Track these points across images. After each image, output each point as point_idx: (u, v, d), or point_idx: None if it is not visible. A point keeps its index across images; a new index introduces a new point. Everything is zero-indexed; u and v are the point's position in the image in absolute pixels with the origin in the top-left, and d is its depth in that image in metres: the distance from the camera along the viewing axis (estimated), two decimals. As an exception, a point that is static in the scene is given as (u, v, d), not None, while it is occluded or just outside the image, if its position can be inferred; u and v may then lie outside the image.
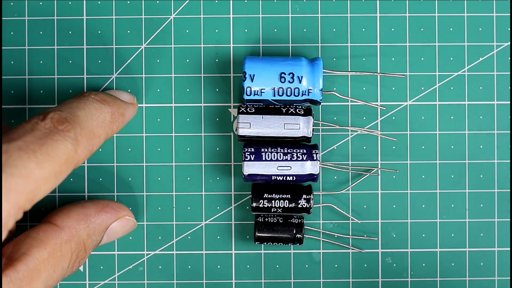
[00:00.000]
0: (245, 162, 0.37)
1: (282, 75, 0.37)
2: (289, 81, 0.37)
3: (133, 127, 0.39)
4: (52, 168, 0.30)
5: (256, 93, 0.37)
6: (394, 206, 0.40)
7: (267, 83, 0.37)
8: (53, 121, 0.32)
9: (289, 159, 0.37)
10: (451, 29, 0.39)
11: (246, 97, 0.37)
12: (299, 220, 0.38)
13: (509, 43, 0.39)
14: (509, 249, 0.40)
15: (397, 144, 0.39)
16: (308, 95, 0.37)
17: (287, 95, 0.37)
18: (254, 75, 0.37)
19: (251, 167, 0.37)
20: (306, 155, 0.37)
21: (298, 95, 0.37)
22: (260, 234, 0.38)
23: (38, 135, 0.31)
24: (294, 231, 0.38)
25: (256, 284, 0.40)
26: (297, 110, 0.38)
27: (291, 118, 0.37)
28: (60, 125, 0.32)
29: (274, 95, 0.37)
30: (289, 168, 0.37)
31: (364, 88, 0.39)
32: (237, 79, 0.39)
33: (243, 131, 0.37)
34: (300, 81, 0.37)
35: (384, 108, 0.39)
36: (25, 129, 0.31)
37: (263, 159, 0.37)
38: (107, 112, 0.35)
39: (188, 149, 0.39)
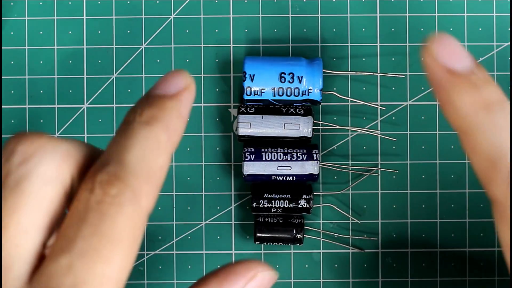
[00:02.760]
0: (245, 162, 0.37)
1: (282, 75, 0.37)
2: (289, 81, 0.37)
3: (133, 127, 0.39)
4: (124, 251, 0.24)
5: (256, 93, 0.37)
6: (394, 206, 0.40)
7: (267, 83, 0.37)
8: (103, 186, 0.24)
9: (289, 159, 0.37)
10: (451, 29, 0.39)
11: (246, 97, 0.37)
12: (299, 220, 0.38)
13: (509, 43, 0.39)
14: (509, 249, 0.40)
15: (397, 144, 0.39)
16: (308, 95, 0.37)
17: (287, 95, 0.37)
18: (254, 75, 0.37)
19: (251, 167, 0.37)
20: (306, 155, 0.37)
21: (298, 95, 0.37)
22: (260, 234, 0.38)
23: (93, 221, 0.24)
24: (294, 231, 0.38)
25: (256, 284, 0.40)
26: (297, 110, 0.38)
27: (291, 118, 0.37)
28: (112, 188, 0.24)
29: (274, 95, 0.37)
30: (289, 168, 0.37)
31: (364, 88, 0.39)
32: (237, 79, 0.39)
33: (243, 131, 0.37)
34: (300, 81, 0.37)
35: (384, 108, 0.39)
36: (80, 216, 0.24)
37: (263, 159, 0.37)
38: (161, 132, 0.25)
39: (188, 149, 0.39)
